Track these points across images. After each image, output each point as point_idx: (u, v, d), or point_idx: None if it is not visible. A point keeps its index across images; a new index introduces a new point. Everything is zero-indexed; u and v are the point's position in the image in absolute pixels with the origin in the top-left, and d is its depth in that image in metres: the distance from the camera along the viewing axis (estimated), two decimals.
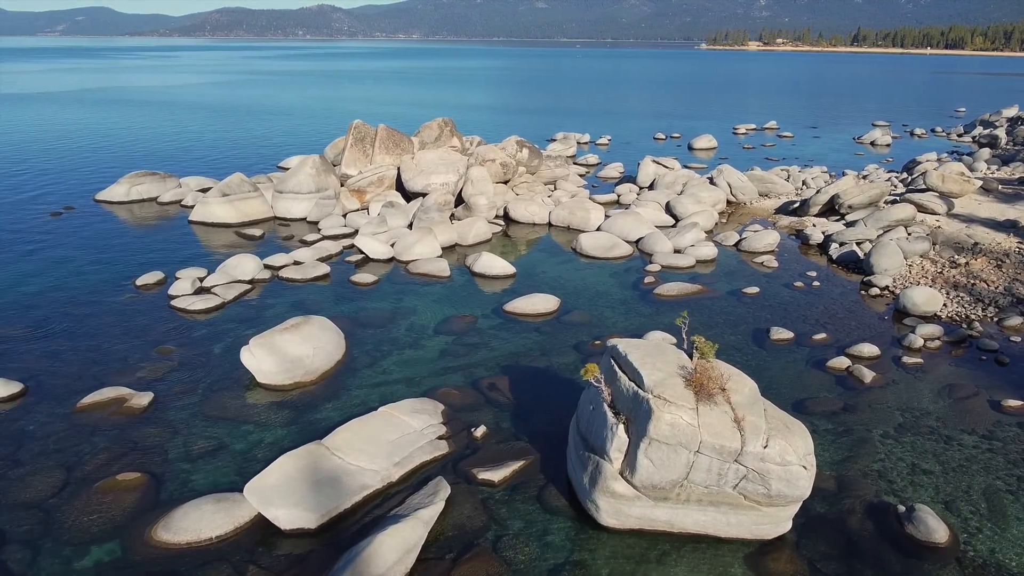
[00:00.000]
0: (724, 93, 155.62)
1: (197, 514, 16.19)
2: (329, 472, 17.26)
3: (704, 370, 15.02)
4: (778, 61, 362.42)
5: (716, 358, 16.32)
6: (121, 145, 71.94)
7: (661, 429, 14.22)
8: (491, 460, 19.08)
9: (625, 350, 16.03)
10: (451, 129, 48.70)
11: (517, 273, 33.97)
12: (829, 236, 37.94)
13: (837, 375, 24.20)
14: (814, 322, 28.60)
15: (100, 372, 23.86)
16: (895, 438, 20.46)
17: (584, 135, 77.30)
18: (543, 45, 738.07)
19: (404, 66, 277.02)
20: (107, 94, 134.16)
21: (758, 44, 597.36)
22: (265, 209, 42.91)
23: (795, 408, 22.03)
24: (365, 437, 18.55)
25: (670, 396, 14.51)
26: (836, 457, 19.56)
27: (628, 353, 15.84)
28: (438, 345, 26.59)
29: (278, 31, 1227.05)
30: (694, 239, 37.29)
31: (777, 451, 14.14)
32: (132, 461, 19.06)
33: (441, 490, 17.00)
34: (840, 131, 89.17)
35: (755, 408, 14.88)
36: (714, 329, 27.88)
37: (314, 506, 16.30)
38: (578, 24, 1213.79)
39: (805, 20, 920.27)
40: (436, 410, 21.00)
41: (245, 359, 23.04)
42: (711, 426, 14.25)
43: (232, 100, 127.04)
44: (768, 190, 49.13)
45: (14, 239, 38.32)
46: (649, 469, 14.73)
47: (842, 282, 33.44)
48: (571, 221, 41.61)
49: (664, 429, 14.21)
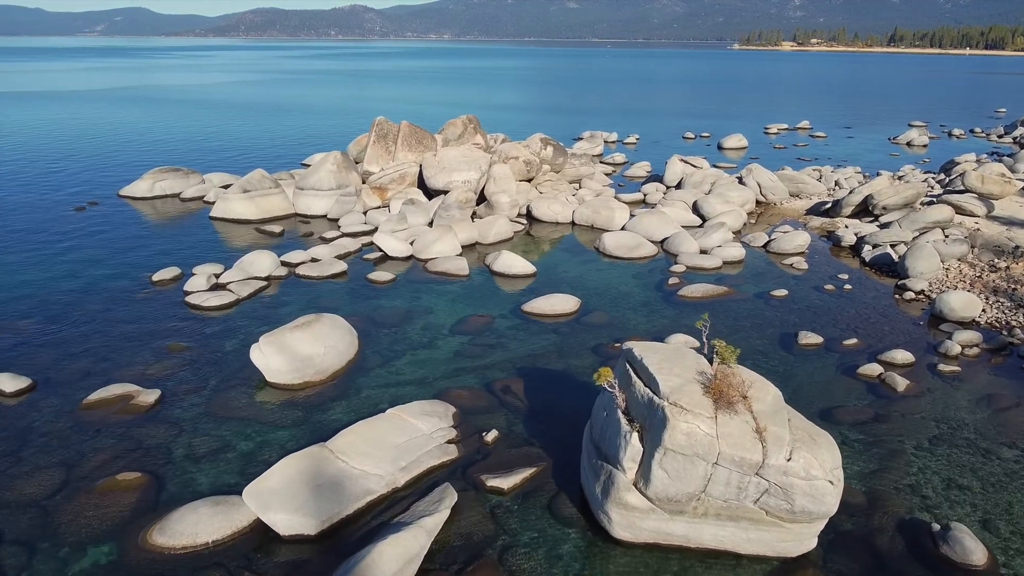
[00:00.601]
0: (755, 93, 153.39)
1: (194, 517, 15.63)
2: (332, 476, 16.62)
3: (724, 376, 14.14)
4: (812, 61, 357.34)
5: (739, 364, 15.47)
6: (148, 142, 72.38)
7: (677, 439, 13.36)
8: (501, 466, 18.32)
9: (641, 354, 15.18)
10: (475, 126, 48.02)
11: (537, 272, 33.20)
12: (862, 238, 36.65)
13: (868, 383, 23.09)
14: (845, 327, 27.46)
15: (109, 368, 23.51)
16: (930, 451, 19.36)
17: (612, 134, 76.30)
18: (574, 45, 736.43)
19: (433, 65, 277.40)
20: (138, 92, 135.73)
21: (792, 44, 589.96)
22: (286, 206, 42.58)
23: (823, 417, 21.00)
24: (371, 440, 17.89)
25: (687, 404, 13.64)
26: (866, 470, 18.52)
27: (644, 357, 14.99)
28: (453, 345, 25.90)
29: (311, 31, 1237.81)
30: (721, 239, 36.23)
31: (801, 464, 13.21)
32: (134, 460, 18.59)
33: (447, 497, 16.28)
34: (875, 131, 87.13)
35: (778, 418, 13.96)
36: (739, 333, 26.88)
37: (314, 512, 15.66)
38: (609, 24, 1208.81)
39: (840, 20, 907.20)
40: (447, 413, 20.29)
41: (254, 357, 22.53)
42: (730, 436, 13.36)
43: (261, 98, 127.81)
44: (799, 190, 47.81)
45: (36, 234, 38.34)
46: (664, 481, 13.87)
47: (875, 286, 32.19)
48: (595, 220, 40.72)
49: (680, 439, 13.35)
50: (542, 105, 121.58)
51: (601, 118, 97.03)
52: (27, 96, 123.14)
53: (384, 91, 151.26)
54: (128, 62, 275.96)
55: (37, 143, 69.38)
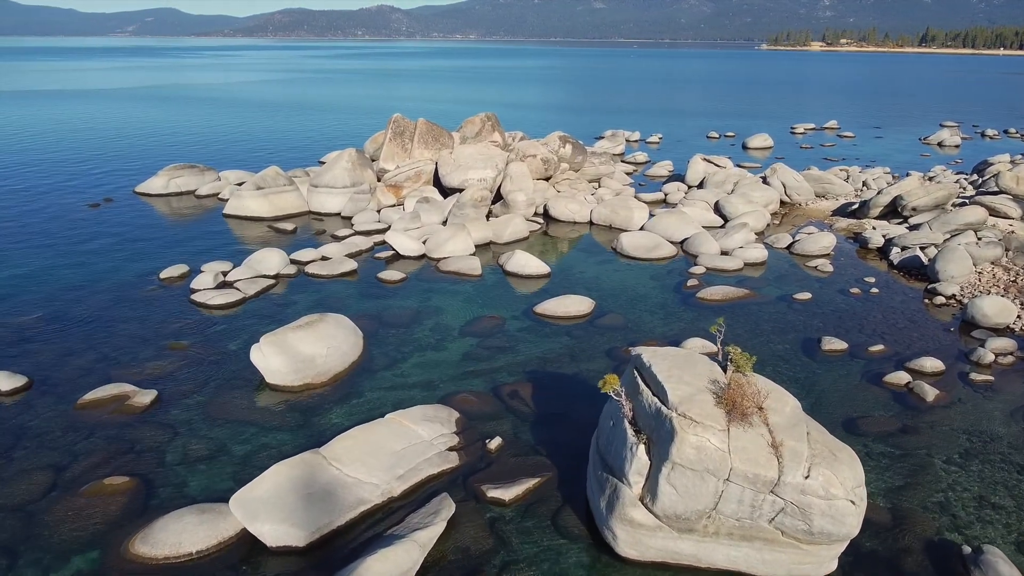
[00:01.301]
0: (782, 92, 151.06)
1: (178, 526, 14.93)
2: (324, 485, 15.85)
3: (738, 386, 13.16)
4: (841, 62, 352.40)
5: (755, 371, 14.50)
6: (168, 139, 72.42)
7: (685, 453, 12.41)
8: (504, 476, 17.45)
9: (650, 360, 14.24)
10: (493, 124, 47.15)
11: (552, 273, 32.30)
12: (890, 240, 35.31)
13: (895, 391, 21.92)
14: (871, 332, 26.25)
15: (108, 367, 22.98)
16: (960, 465, 18.19)
17: (634, 133, 75.14)
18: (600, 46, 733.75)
19: (458, 65, 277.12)
20: (164, 91, 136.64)
21: (821, 44, 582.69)
22: (300, 203, 42.04)
23: (846, 427, 19.91)
24: (367, 446, 17.10)
25: (697, 415, 12.68)
26: (892, 485, 17.41)
27: (652, 364, 14.05)
28: (461, 347, 25.07)
29: (338, 31, 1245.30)
30: (743, 240, 35.08)
31: (820, 483, 12.20)
32: (124, 463, 17.97)
33: (444, 509, 15.44)
34: (905, 131, 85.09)
35: (796, 431, 12.96)
36: (760, 337, 25.80)
37: (304, 522, 14.89)
38: (636, 24, 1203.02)
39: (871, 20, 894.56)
40: (450, 418, 19.47)
41: (254, 357, 21.87)
42: (744, 451, 12.39)
43: (282, 96, 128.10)
44: (825, 191, 46.44)
45: (48, 230, 38.11)
46: (672, 497, 12.93)
47: (903, 289, 30.89)
48: (613, 220, 39.72)
49: (688, 453, 12.40)
50: (564, 104, 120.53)
51: (624, 117, 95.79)
52: (55, 94, 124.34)
53: (406, 90, 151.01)
54: (156, 61, 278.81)
55: (59, 140, 69.66)
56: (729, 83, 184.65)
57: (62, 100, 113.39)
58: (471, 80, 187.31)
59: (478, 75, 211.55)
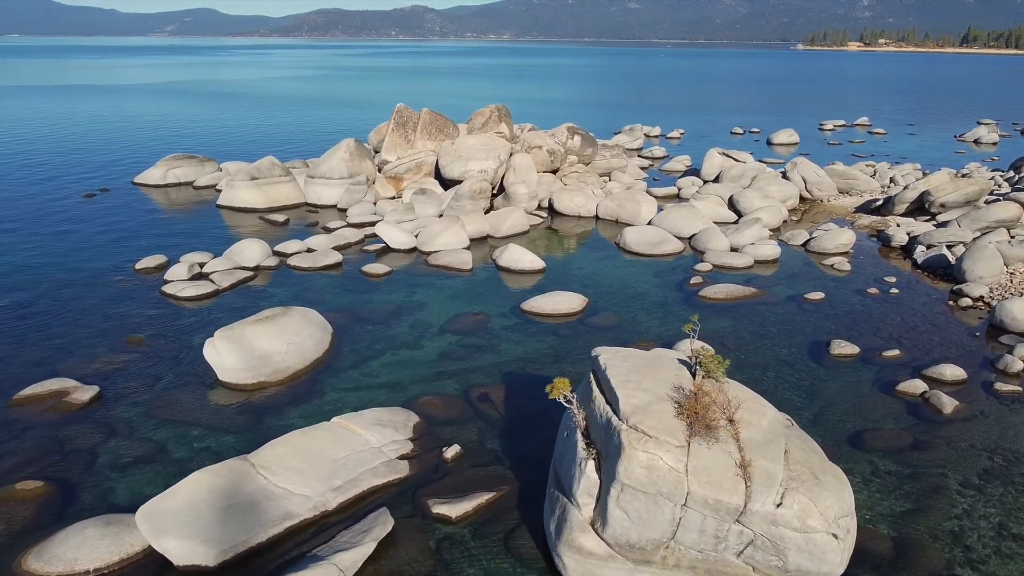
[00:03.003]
0: (813, 90, 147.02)
1: (78, 540, 13.31)
2: (248, 496, 14.15)
3: (703, 394, 11.18)
4: (878, 61, 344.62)
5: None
6: (178, 131, 71.76)
7: (634, 472, 10.49)
8: (457, 489, 15.61)
9: (606, 362, 12.33)
10: (499, 115, 45.35)
11: (547, 268, 30.42)
12: (915, 237, 32.86)
13: (909, 401, 19.71)
14: (887, 336, 23.97)
15: (56, 361, 21.56)
16: (979, 488, 15.97)
17: (654, 128, 72.84)
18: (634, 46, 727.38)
19: (486, 63, 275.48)
20: (187, 86, 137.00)
21: (858, 44, 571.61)
22: (296, 194, 40.61)
23: (851, 442, 17.77)
24: (303, 453, 15.37)
25: (650, 428, 10.75)
26: (898, 509, 15.27)
27: (608, 367, 12.14)
28: (439, 346, 23.29)
29: (372, 31, 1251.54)
30: (755, 236, 32.86)
31: (795, 512, 10.20)
32: (45, 467, 16.43)
33: (377, 526, 13.65)
34: (940, 128, 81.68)
35: (772, 449, 10.96)
36: (764, 339, 23.68)
37: (217, 539, 13.20)
38: (670, 25, 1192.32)
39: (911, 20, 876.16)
40: (407, 423, 17.69)
41: (207, 353, 20.31)
42: (704, 472, 10.43)
43: (303, 91, 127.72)
44: (849, 187, 43.92)
45: (37, 219, 37.10)
46: (623, 523, 11.00)
47: (926, 290, 28.50)
48: (620, 214, 37.69)
49: (638, 473, 10.47)
50: (586, 100, 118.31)
51: (646, 113, 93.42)
52: (83, 88, 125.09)
53: (429, 85, 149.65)
54: (188, 59, 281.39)
55: (69, 131, 69.27)
56: (759, 81, 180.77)
57: (87, 94, 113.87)
58: (496, 77, 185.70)
59: (505, 72, 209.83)
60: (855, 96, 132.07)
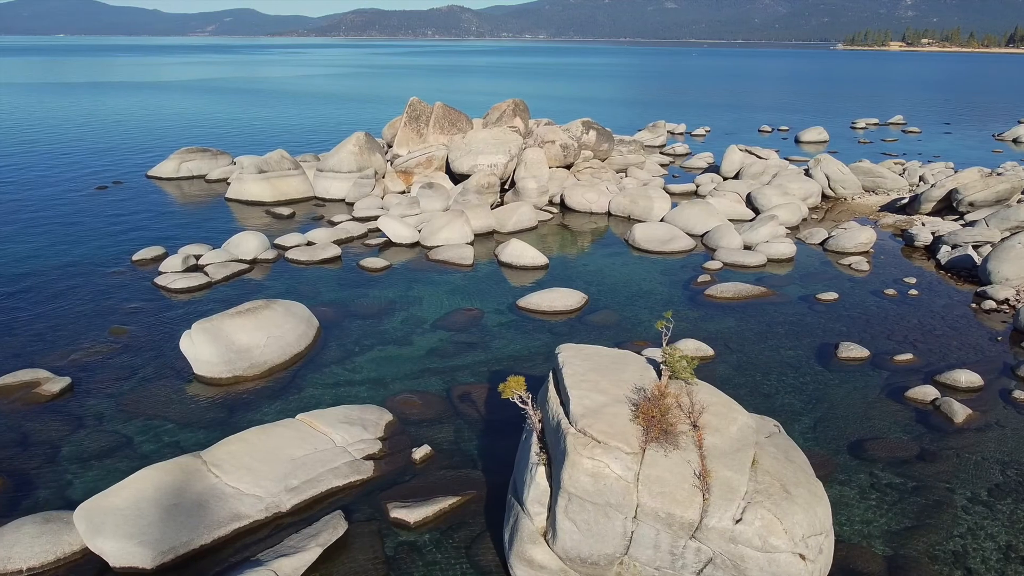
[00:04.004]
0: (849, 88, 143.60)
1: (13, 537, 12.71)
2: (196, 495, 13.45)
3: (661, 397, 10.18)
4: (919, 61, 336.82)
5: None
6: (201, 126, 71.98)
7: (579, 481, 9.55)
8: (421, 492, 14.77)
9: (565, 360, 11.39)
10: (513, 109, 44.42)
11: (551, 265, 29.47)
12: (939, 237, 31.30)
13: (918, 409, 18.43)
14: (901, 339, 22.62)
15: (37, 351, 21.17)
16: (988, 504, 14.71)
17: (679, 125, 71.34)
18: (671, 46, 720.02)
19: (518, 61, 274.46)
20: (219, 84, 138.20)
21: (900, 44, 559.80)
22: (304, 188, 40.12)
23: (852, 451, 16.58)
24: (259, 451, 14.64)
25: (600, 432, 9.79)
26: (896, 526, 14.09)
27: (566, 364, 11.21)
28: (428, 342, 22.48)
29: (408, 31, 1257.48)
30: (769, 234, 31.55)
31: (756, 529, 9.17)
32: (3, 460, 15.93)
33: (326, 531, 12.85)
34: (978, 128, 78.94)
35: (737, 458, 9.93)
36: (769, 340, 22.49)
37: (156, 540, 12.50)
38: (708, 24, 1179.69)
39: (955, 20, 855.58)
40: (378, 421, 16.88)
41: (183, 345, 19.74)
42: (657, 482, 9.44)
43: (330, 88, 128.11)
44: (876, 185, 42.25)
45: (45, 211, 37.05)
46: (573, 535, 10.06)
47: (948, 292, 27.01)
48: (632, 211, 36.57)
49: (583, 481, 9.52)
50: (615, 97, 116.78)
51: (673, 110, 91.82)
52: (118, 86, 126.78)
53: (456, 83, 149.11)
54: (226, 58, 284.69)
55: (97, 126, 69.84)
56: (792, 80, 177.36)
57: (118, 90, 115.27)
58: (526, 75, 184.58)
59: (535, 70, 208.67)
60: (891, 95, 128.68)
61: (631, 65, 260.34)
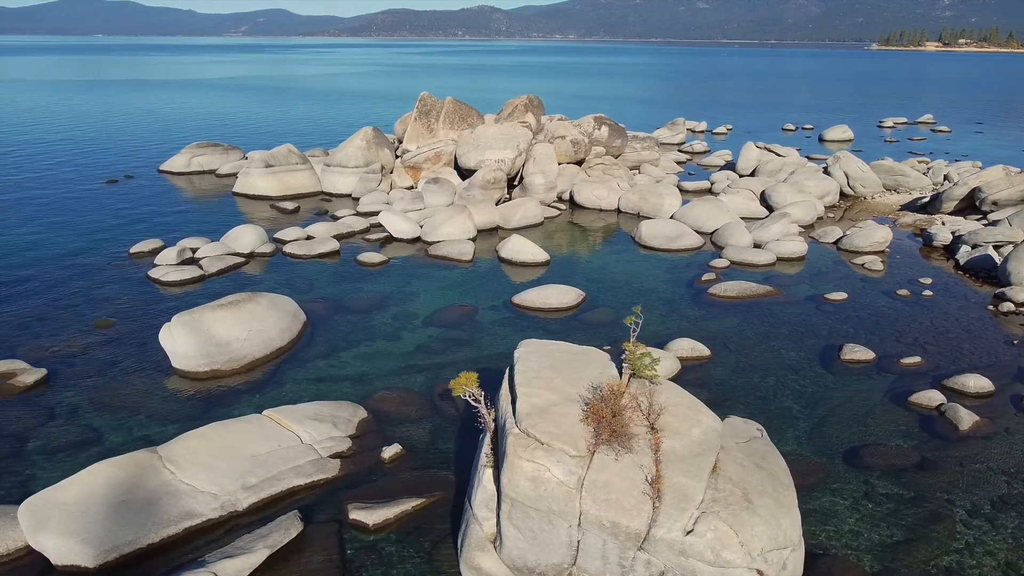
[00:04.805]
0: (878, 87, 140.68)
1: None
2: (147, 492, 12.95)
3: (617, 396, 9.44)
4: (956, 61, 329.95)
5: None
6: (219, 121, 72.20)
7: (519, 485, 8.86)
8: (385, 493, 14.15)
9: (521, 355, 10.70)
10: (527, 105, 43.67)
11: (552, 261, 28.75)
12: (959, 237, 30.05)
13: (922, 414, 17.44)
14: (910, 341, 21.58)
15: (19, 342, 20.91)
16: (989, 518, 13.76)
17: (700, 123, 70.13)
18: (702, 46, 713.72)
19: (546, 60, 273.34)
20: (245, 81, 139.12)
21: (936, 45, 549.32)
22: (312, 183, 39.79)
23: (847, 457, 15.68)
24: (218, 448, 14.11)
25: (544, 433, 9.09)
26: (887, 538, 13.19)
27: (520, 360, 10.52)
28: (418, 338, 21.89)
29: (439, 31, 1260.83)
30: (780, 232, 30.53)
31: (708, 540, 8.40)
32: None
33: (277, 532, 12.27)
34: (1011, 127, 76.67)
35: (696, 464, 9.16)
36: (771, 341, 21.58)
37: (100, 538, 12.02)
38: (740, 25, 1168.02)
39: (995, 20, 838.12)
40: (351, 418, 16.30)
41: (162, 338, 19.34)
42: (603, 488, 8.71)
43: (352, 85, 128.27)
44: (897, 183, 40.92)
45: (52, 203, 37.07)
46: (518, 543, 9.37)
47: (965, 293, 25.83)
48: (642, 207, 35.70)
49: (523, 486, 8.83)
50: (637, 96, 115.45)
51: (696, 109, 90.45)
52: (145, 83, 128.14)
53: (478, 81, 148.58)
54: (257, 57, 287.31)
55: (117, 121, 70.37)
56: (822, 79, 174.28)
57: (144, 88, 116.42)
58: (550, 73, 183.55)
59: (560, 69, 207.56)
60: (922, 94, 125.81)
61: (658, 64, 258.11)
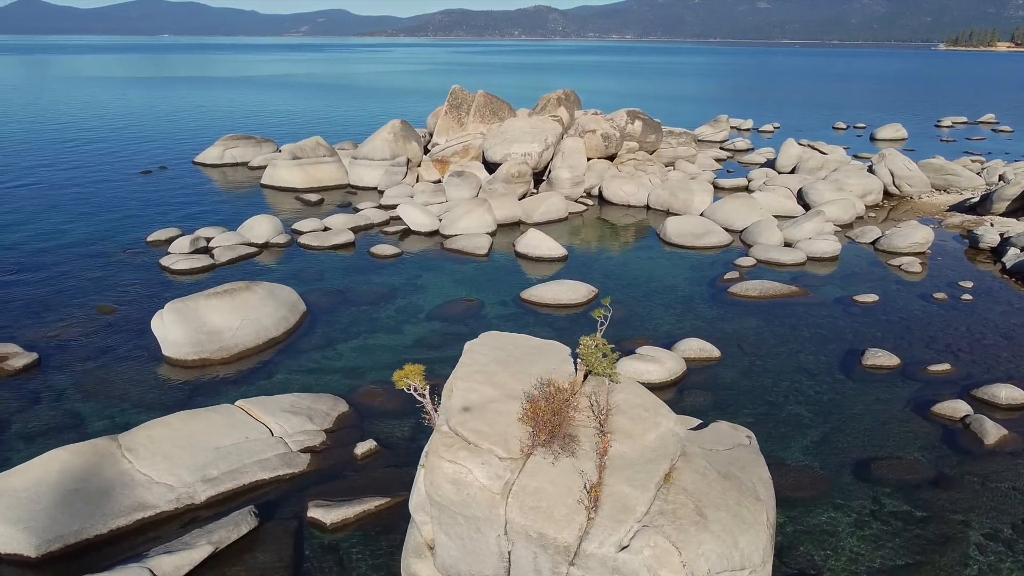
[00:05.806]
0: (941, 87, 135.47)
1: None
2: (102, 481, 12.50)
3: (559, 393, 8.55)
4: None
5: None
6: (260, 116, 72.89)
7: (441, 488, 8.04)
8: (351, 491, 13.48)
9: (470, 348, 9.90)
10: (560, 99, 42.75)
11: (570, 256, 27.83)
12: (1008, 239, 28.17)
13: (945, 426, 16.06)
14: (941, 347, 20.08)
15: (20, 326, 20.88)
16: (1008, 543, 12.43)
17: (746, 121, 68.18)
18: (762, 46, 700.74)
19: (599, 59, 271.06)
20: (296, 79, 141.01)
21: (1008, 45, 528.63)
22: (339, 175, 39.55)
23: (856, 471, 14.45)
24: (181, 437, 13.60)
25: (472, 433, 8.26)
26: (890, 561, 12.00)
27: (467, 353, 9.72)
28: (418, 332, 21.23)
29: (495, 31, 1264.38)
30: (813, 231, 29.04)
31: (644, 558, 7.45)
32: None
33: (225, 529, 11.68)
34: None
35: (644, 471, 8.22)
36: (789, 343, 20.32)
37: (45, 527, 11.59)
38: (802, 25, 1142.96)
39: None
40: (330, 412, 15.68)
41: (154, 325, 19.06)
42: (533, 495, 7.83)
43: (398, 83, 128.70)
44: (948, 183, 38.83)
45: (84, 193, 37.52)
46: (450, 551, 8.57)
47: (1009, 298, 24.08)
48: (671, 204, 34.48)
49: (445, 489, 8.01)
50: (685, 94, 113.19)
51: (744, 107, 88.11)
52: (198, 80, 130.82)
53: (525, 79, 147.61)
54: (315, 56, 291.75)
55: (161, 114, 71.59)
56: (882, 79, 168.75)
57: (196, 84, 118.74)
58: (600, 71, 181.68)
59: (611, 67, 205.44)
60: (986, 94, 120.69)
61: (711, 63, 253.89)
